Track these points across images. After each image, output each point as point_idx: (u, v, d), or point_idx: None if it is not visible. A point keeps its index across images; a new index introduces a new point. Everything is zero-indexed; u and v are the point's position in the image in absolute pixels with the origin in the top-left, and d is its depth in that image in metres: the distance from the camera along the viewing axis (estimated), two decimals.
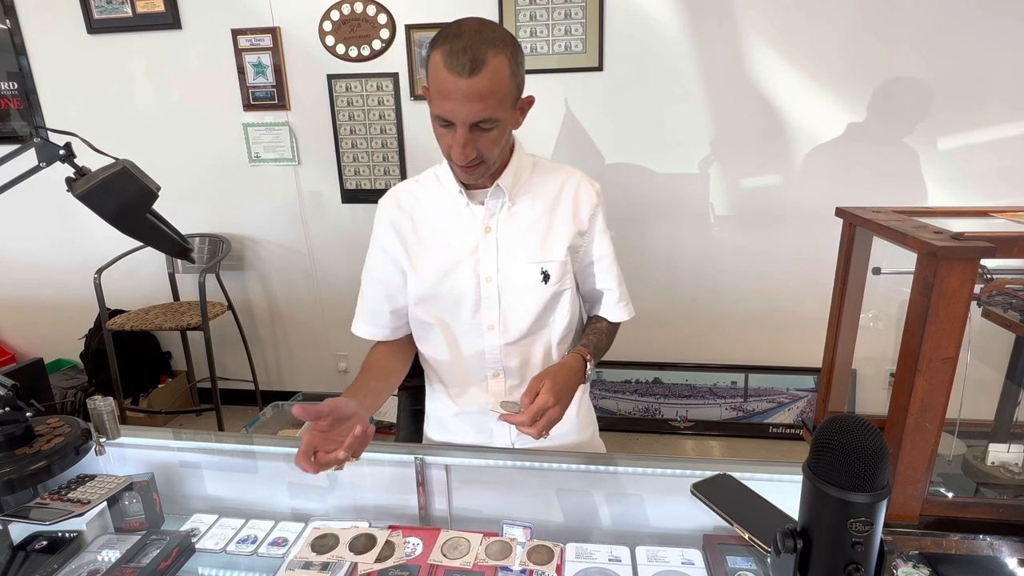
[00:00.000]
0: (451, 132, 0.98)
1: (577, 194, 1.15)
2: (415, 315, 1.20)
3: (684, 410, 2.93)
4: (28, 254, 3.22)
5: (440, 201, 1.14)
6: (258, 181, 2.94)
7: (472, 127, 0.96)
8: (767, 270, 2.72)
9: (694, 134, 2.60)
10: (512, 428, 1.19)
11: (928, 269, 0.75)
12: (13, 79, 2.91)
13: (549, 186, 1.15)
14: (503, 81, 0.95)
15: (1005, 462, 0.95)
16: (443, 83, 0.93)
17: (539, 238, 1.13)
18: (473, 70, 0.91)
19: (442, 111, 0.96)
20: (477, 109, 0.94)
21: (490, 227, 1.12)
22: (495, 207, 1.12)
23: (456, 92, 0.93)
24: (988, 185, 2.45)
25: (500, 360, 1.16)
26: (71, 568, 0.93)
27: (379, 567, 0.93)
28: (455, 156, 0.99)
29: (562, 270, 1.13)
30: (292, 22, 2.69)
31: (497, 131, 0.99)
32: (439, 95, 0.95)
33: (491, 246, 1.11)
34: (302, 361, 3.26)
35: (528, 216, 1.13)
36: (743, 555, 0.94)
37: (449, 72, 0.92)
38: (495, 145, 1.01)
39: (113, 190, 0.95)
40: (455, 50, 0.92)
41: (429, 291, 1.15)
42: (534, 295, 1.13)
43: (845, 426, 0.53)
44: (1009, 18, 2.27)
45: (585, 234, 1.16)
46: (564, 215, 1.14)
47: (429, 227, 1.16)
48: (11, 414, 1.01)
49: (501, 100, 0.96)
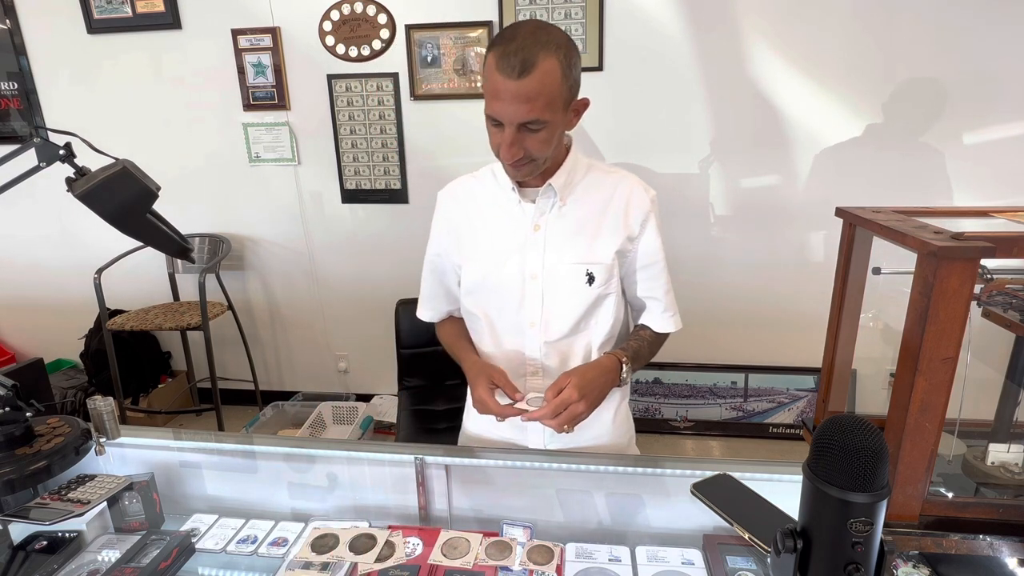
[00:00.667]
0: (500, 131, 1.00)
1: (629, 198, 1.15)
2: (464, 305, 1.23)
3: (684, 410, 2.93)
4: (28, 254, 3.22)
5: (494, 196, 1.16)
6: (258, 181, 2.94)
7: (520, 127, 0.99)
8: (767, 270, 2.72)
9: (694, 134, 2.60)
10: (545, 428, 1.19)
11: (928, 269, 0.75)
12: (13, 79, 2.91)
13: (602, 189, 1.15)
14: (553, 84, 0.97)
15: (1005, 462, 0.95)
16: (494, 84, 0.96)
17: (587, 239, 1.13)
18: (522, 72, 0.94)
19: (492, 111, 0.99)
20: (524, 110, 0.96)
21: (539, 225, 1.13)
22: (545, 206, 1.13)
23: (505, 93, 0.95)
24: (989, 185, 2.45)
25: (540, 358, 1.17)
26: (71, 568, 0.93)
27: (379, 567, 0.93)
28: (502, 155, 1.02)
29: (608, 273, 1.13)
30: (292, 22, 2.69)
31: (546, 132, 1.01)
32: (490, 95, 0.98)
33: (539, 244, 1.12)
34: (302, 361, 3.26)
35: (578, 216, 1.13)
36: (743, 555, 0.94)
37: (500, 73, 0.95)
38: (544, 145, 1.03)
39: (113, 190, 0.95)
40: (507, 52, 0.94)
41: (477, 283, 1.17)
42: (577, 295, 1.13)
43: (845, 426, 0.53)
44: (1014, 16, 2.27)
45: (635, 239, 1.16)
46: (614, 218, 1.14)
47: (481, 221, 1.18)
48: (11, 414, 1.01)
49: (550, 102, 0.98)
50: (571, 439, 1.21)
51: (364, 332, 3.10)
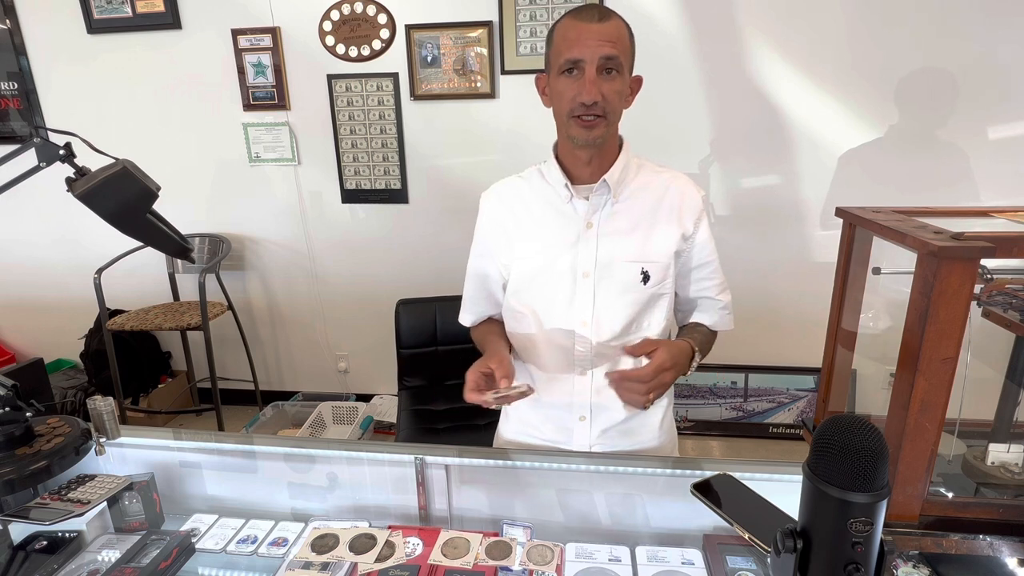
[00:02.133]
0: (577, 80, 1.02)
1: (683, 197, 1.14)
2: (510, 305, 1.20)
3: (684, 410, 2.93)
4: (28, 254, 3.22)
5: (544, 195, 1.15)
6: (258, 181, 2.94)
7: (600, 70, 1.01)
8: (767, 270, 2.72)
9: (694, 134, 2.60)
10: (592, 429, 1.17)
11: (928, 269, 0.75)
12: (13, 79, 2.91)
13: (654, 186, 1.14)
14: (626, 37, 1.04)
15: (1005, 462, 0.95)
16: (574, 31, 1.01)
17: (642, 237, 1.12)
18: (602, 18, 1.01)
19: (571, 53, 1.01)
20: (607, 47, 1.00)
21: (592, 223, 1.11)
22: (599, 203, 1.11)
23: (587, 33, 1.00)
24: (989, 185, 2.45)
25: (590, 359, 1.14)
26: (71, 568, 0.93)
27: (379, 567, 0.93)
28: (586, 94, 1.01)
29: (664, 273, 1.12)
30: (292, 22, 2.69)
31: (620, 81, 1.04)
32: (567, 44, 1.01)
33: (591, 242, 1.11)
34: (302, 361, 3.26)
35: (631, 215, 1.12)
36: (743, 555, 0.94)
37: (580, 21, 1.01)
38: (617, 97, 1.04)
39: (113, 190, 0.95)
40: (584, 9, 1.02)
41: (527, 281, 1.16)
42: (631, 294, 1.11)
43: (845, 426, 0.53)
44: (1015, 15, 2.27)
45: (689, 238, 1.14)
46: (669, 217, 1.13)
47: (531, 219, 1.16)
48: (11, 414, 1.01)
49: (625, 51, 1.03)
50: (617, 443, 1.19)
51: (364, 332, 3.10)
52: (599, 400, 1.15)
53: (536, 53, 2.54)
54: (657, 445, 1.23)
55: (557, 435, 1.21)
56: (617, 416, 1.17)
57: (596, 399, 1.16)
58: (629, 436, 1.19)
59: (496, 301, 1.26)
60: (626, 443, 1.20)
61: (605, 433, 1.18)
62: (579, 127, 1.04)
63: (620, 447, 1.20)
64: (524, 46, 2.55)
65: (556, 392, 1.18)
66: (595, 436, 1.18)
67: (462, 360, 1.31)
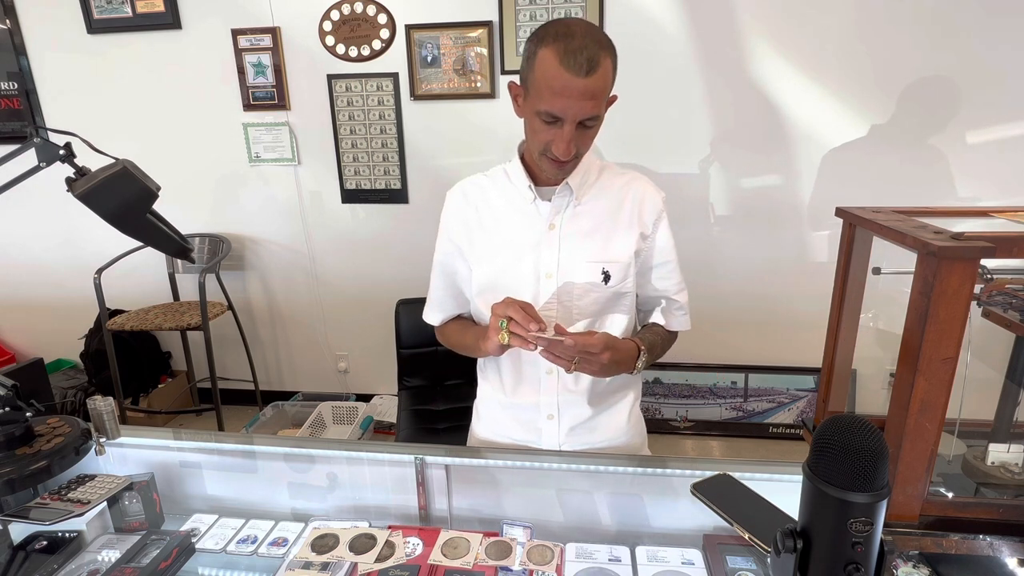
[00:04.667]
0: (554, 128, 1.01)
1: (643, 198, 1.16)
2: (476, 306, 1.22)
3: (684, 410, 2.93)
4: (28, 254, 3.22)
5: (508, 195, 1.16)
6: (258, 181, 2.94)
7: (578, 125, 1.00)
8: (767, 270, 2.72)
9: (694, 134, 2.60)
10: (560, 427, 1.19)
11: (928, 269, 0.75)
12: (13, 79, 2.91)
13: (615, 188, 1.16)
14: (609, 81, 1.01)
15: (1005, 462, 0.95)
16: (559, 81, 0.96)
17: (603, 238, 1.14)
18: (590, 71, 0.95)
19: (552, 107, 0.98)
20: (589, 107, 0.98)
21: (554, 224, 1.13)
22: (561, 205, 1.13)
23: (572, 90, 0.96)
24: (989, 185, 2.45)
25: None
26: (71, 568, 0.93)
27: (379, 567, 0.93)
28: (561, 152, 1.01)
29: (624, 272, 1.14)
30: (292, 22, 2.69)
31: (596, 128, 1.04)
32: (551, 92, 0.97)
33: (553, 243, 1.12)
34: (302, 361, 3.26)
35: (592, 216, 1.14)
36: (743, 555, 0.94)
37: (566, 70, 0.95)
38: (591, 141, 1.06)
39: (113, 190, 0.95)
40: (571, 49, 0.95)
41: (490, 282, 1.17)
42: (593, 294, 1.13)
43: (845, 426, 0.53)
44: (1016, 15, 2.27)
45: (648, 238, 1.17)
46: (629, 218, 1.15)
47: (494, 220, 1.17)
48: (11, 414, 1.01)
49: (606, 94, 1.02)
50: (586, 440, 1.21)
51: (364, 332, 3.10)
52: (566, 398, 1.18)
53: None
54: (626, 441, 1.25)
55: (527, 434, 1.23)
56: (584, 413, 1.19)
57: (563, 397, 1.18)
58: (596, 432, 1.21)
59: (465, 299, 1.26)
60: (594, 439, 1.22)
61: (573, 431, 1.20)
62: (551, 167, 1.07)
63: (589, 444, 1.22)
64: (523, 46, 2.54)
65: (523, 392, 1.20)
66: (564, 434, 1.20)
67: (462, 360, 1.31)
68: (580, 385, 1.18)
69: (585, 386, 1.18)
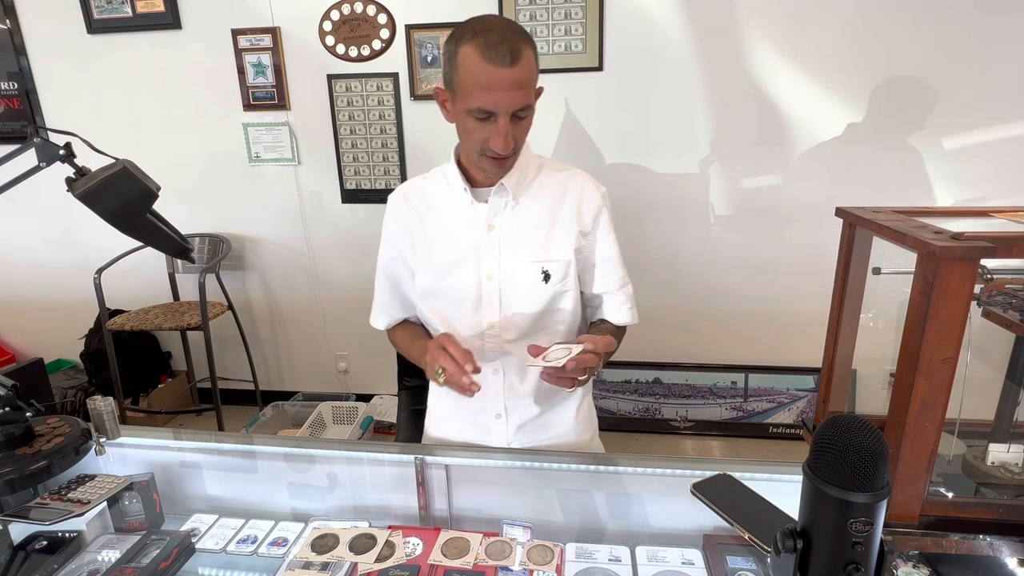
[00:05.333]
0: (488, 124, 1.00)
1: (581, 195, 1.15)
2: (420, 309, 1.22)
3: (684, 410, 2.93)
4: (28, 254, 3.22)
5: (447, 198, 1.15)
6: (258, 181, 2.94)
7: (512, 116, 0.99)
8: (767, 270, 2.72)
9: (694, 134, 2.59)
10: (508, 426, 1.20)
11: (928, 269, 0.75)
12: (13, 79, 2.91)
13: (554, 186, 1.15)
14: (534, 71, 1.00)
15: (1005, 462, 0.95)
16: (484, 75, 0.95)
17: (542, 237, 1.13)
18: (513, 61, 0.95)
19: (484, 103, 0.97)
20: (519, 97, 0.97)
21: (493, 225, 1.12)
22: (499, 205, 1.12)
23: (499, 82, 0.95)
24: (989, 185, 2.45)
25: (500, 358, 1.17)
26: (71, 568, 0.93)
27: (379, 567, 0.93)
28: (500, 147, 1.00)
29: (565, 271, 1.13)
30: (292, 22, 2.69)
31: (528, 119, 1.03)
32: (479, 87, 0.96)
33: (493, 244, 1.12)
34: (302, 361, 3.26)
35: (531, 215, 1.13)
36: (743, 555, 0.94)
37: (490, 63, 0.94)
38: (526, 133, 1.05)
39: (113, 190, 0.95)
40: (492, 42, 0.94)
41: (432, 286, 1.17)
42: (534, 294, 1.13)
43: (845, 426, 0.53)
44: (1010, 16, 2.27)
45: (588, 235, 1.16)
46: (567, 215, 1.14)
47: (434, 223, 1.17)
48: (11, 414, 1.01)
49: (533, 88, 1.01)
50: (534, 438, 1.21)
51: (364, 332, 3.08)
52: (512, 397, 1.18)
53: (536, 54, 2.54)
54: (575, 439, 1.25)
55: (476, 433, 1.23)
56: (531, 412, 1.20)
57: (509, 396, 1.18)
58: (545, 430, 1.22)
59: (411, 303, 1.26)
60: (543, 437, 1.22)
61: (521, 428, 1.21)
62: (491, 165, 1.06)
63: (537, 441, 1.22)
64: None
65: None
66: (512, 432, 1.21)
67: None
68: (526, 385, 1.18)
69: (531, 386, 1.18)
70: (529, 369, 1.17)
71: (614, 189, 1.73)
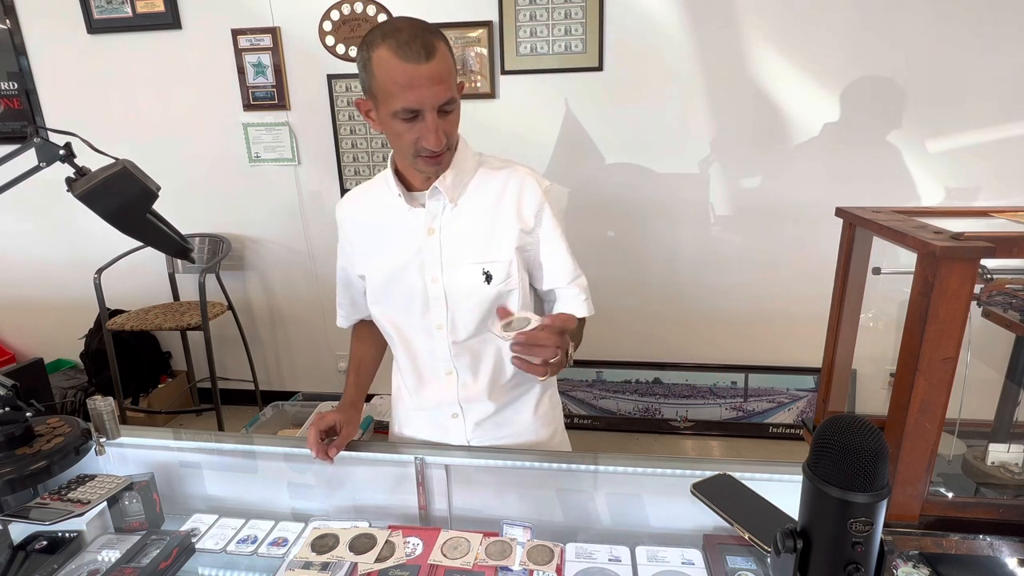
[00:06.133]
0: (416, 124, 0.98)
1: (521, 192, 1.12)
2: (372, 314, 1.22)
3: (684, 410, 2.93)
4: (28, 254, 3.22)
5: (389, 205, 1.13)
6: (258, 181, 2.94)
7: (439, 112, 0.98)
8: (767, 270, 2.72)
9: (694, 134, 2.59)
10: (466, 424, 1.20)
11: (928, 269, 0.75)
12: (13, 79, 2.91)
13: (493, 184, 1.13)
14: (451, 65, 1.00)
15: (1005, 462, 0.95)
16: (402, 74, 0.94)
17: (482, 238, 1.11)
18: (429, 55, 0.94)
19: (407, 102, 0.96)
20: (442, 91, 0.96)
21: (433, 229, 1.11)
22: (436, 209, 1.10)
23: (419, 79, 0.94)
24: (989, 185, 2.45)
25: (451, 359, 1.16)
26: (71, 568, 0.93)
27: (379, 567, 0.93)
28: (432, 143, 0.99)
29: (506, 271, 1.11)
30: (292, 22, 2.69)
31: (455, 114, 1.03)
32: (400, 87, 0.95)
33: (435, 248, 1.10)
34: (302, 361, 3.26)
35: (471, 216, 1.11)
36: (743, 555, 0.94)
37: (406, 61, 0.93)
38: (456, 128, 1.05)
39: (113, 190, 0.95)
40: (404, 41, 0.94)
41: (380, 292, 1.17)
42: (477, 296, 1.11)
43: (845, 426, 0.53)
44: (1009, 15, 2.27)
45: (531, 232, 1.13)
46: (507, 214, 1.11)
47: (378, 231, 1.16)
48: (11, 414, 1.01)
49: (453, 82, 1.00)
50: (493, 436, 1.21)
51: None
52: (467, 396, 1.18)
53: (536, 54, 2.55)
54: (534, 436, 1.24)
55: (435, 432, 1.23)
56: (486, 410, 1.19)
57: (464, 396, 1.18)
58: (503, 427, 1.21)
59: (363, 307, 1.26)
60: (502, 434, 1.22)
61: (479, 426, 1.20)
62: (427, 165, 1.04)
63: (497, 439, 1.21)
64: (524, 46, 2.55)
65: (427, 392, 1.21)
66: (470, 431, 1.21)
67: None
68: (479, 384, 1.17)
69: (484, 384, 1.17)
70: (482, 367, 1.16)
71: (614, 189, 1.75)
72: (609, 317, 2.85)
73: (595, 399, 2.98)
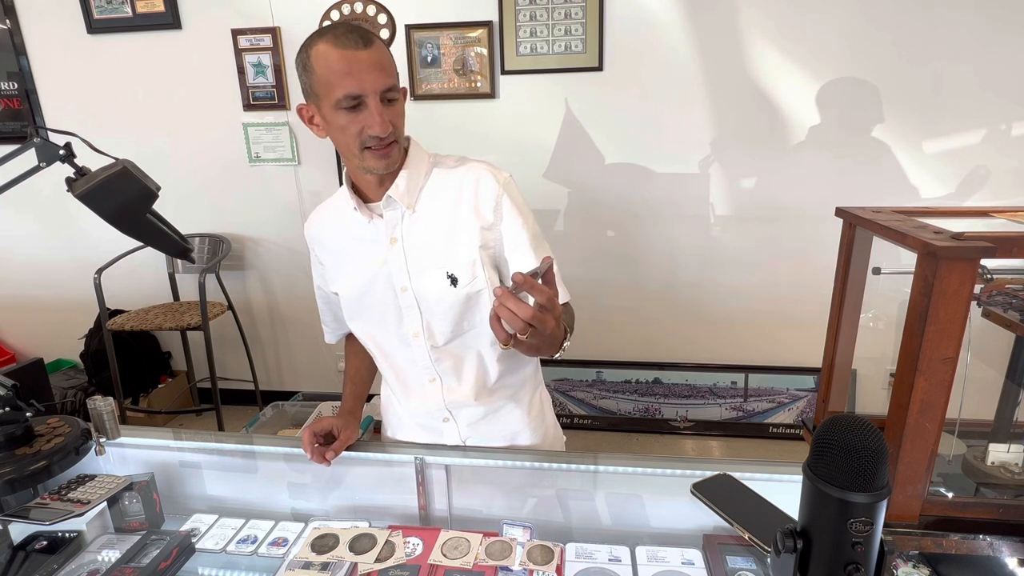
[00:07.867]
0: (361, 113, 0.97)
1: (477, 188, 1.09)
2: (351, 328, 1.22)
3: (684, 410, 2.93)
4: (28, 254, 3.22)
5: (349, 218, 1.11)
6: (258, 181, 2.94)
7: (382, 99, 0.97)
8: (767, 270, 2.72)
9: (694, 134, 2.59)
10: (459, 426, 1.20)
11: (928, 269, 0.75)
12: (13, 79, 2.91)
13: (449, 184, 1.10)
14: (391, 59, 1.00)
15: (1005, 462, 0.95)
16: (341, 61, 0.94)
17: (444, 241, 1.09)
18: (366, 44, 0.95)
19: (348, 88, 0.94)
20: (382, 77, 0.96)
21: (395, 237, 1.09)
22: (395, 218, 1.09)
23: (359, 63, 0.94)
24: (989, 185, 2.45)
25: (432, 366, 1.15)
26: (71, 568, 0.93)
27: (379, 567, 0.93)
28: (378, 127, 0.97)
29: (471, 271, 1.08)
30: (292, 22, 2.69)
31: (400, 104, 1.02)
32: (340, 75, 0.94)
33: (399, 257, 1.09)
34: (302, 361, 3.26)
35: (431, 220, 1.09)
36: (743, 555, 0.94)
37: (344, 49, 0.94)
38: (401, 119, 1.03)
39: (113, 190, 0.95)
40: (340, 33, 0.95)
41: (354, 308, 1.17)
42: (447, 300, 1.09)
43: (845, 426, 0.53)
44: (1009, 14, 2.27)
45: (492, 228, 1.09)
46: (466, 213, 1.08)
47: (342, 246, 1.16)
48: (11, 414, 1.01)
49: (395, 74, 1.00)
50: (487, 437, 1.20)
51: None
52: (453, 400, 1.17)
53: (536, 54, 2.55)
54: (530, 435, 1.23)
55: (430, 435, 1.23)
56: (476, 412, 1.19)
57: (450, 400, 1.17)
58: (497, 427, 1.21)
59: (343, 322, 1.26)
60: (495, 432, 1.21)
61: (472, 427, 1.20)
62: (375, 158, 1.01)
63: (492, 439, 1.21)
64: (524, 46, 2.55)
65: (415, 399, 1.20)
66: (464, 431, 1.20)
67: None
68: (464, 387, 1.16)
69: (470, 388, 1.16)
70: (465, 371, 1.15)
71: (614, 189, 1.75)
72: (609, 317, 2.85)
73: (595, 399, 2.98)
